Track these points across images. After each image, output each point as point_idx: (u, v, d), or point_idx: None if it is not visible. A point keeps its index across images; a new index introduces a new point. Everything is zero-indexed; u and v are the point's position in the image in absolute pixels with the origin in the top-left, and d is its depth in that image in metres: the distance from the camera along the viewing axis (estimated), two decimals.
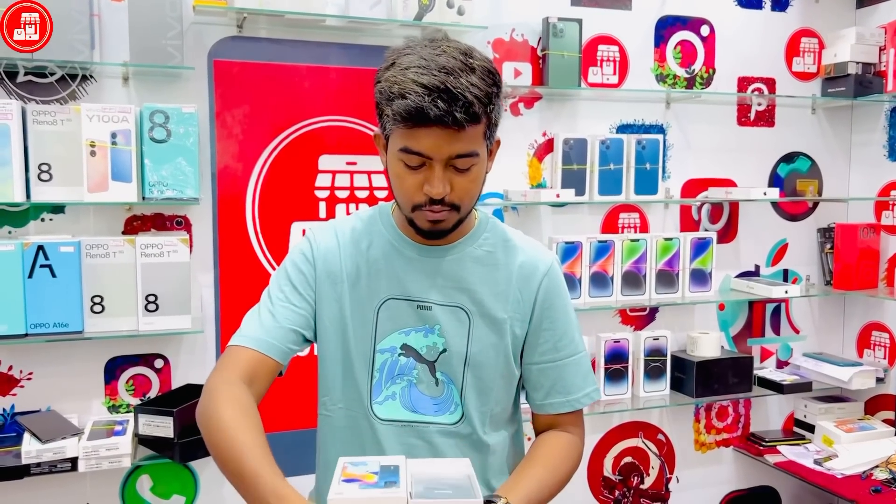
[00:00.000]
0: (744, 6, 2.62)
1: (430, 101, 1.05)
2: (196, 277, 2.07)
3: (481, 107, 1.09)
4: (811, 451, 2.56)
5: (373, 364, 1.24)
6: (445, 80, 1.06)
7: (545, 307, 1.27)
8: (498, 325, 1.25)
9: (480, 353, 1.24)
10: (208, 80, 2.06)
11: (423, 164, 1.12)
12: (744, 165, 2.66)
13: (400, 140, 1.12)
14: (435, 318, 1.24)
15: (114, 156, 1.87)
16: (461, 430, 1.25)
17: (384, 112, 1.13)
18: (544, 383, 1.29)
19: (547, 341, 1.28)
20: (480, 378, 1.25)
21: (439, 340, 1.24)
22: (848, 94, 2.58)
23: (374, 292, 1.24)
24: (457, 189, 1.14)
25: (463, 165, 1.12)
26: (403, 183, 1.15)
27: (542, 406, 1.31)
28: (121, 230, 2.01)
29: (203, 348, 2.11)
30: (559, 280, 1.30)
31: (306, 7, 2.00)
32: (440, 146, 1.09)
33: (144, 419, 1.91)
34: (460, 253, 1.26)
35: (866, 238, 2.59)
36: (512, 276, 1.26)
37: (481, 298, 1.25)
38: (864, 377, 2.55)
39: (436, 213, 1.15)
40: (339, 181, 2.21)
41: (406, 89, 1.06)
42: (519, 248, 1.29)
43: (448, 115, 1.06)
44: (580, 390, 1.30)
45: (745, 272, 2.69)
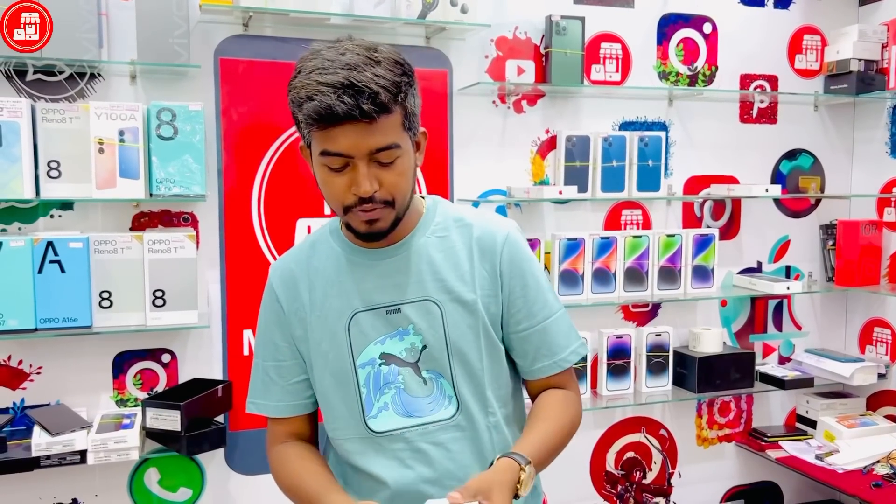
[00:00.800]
0: (746, 3, 2.63)
1: (335, 99, 1.04)
2: (203, 273, 2.10)
3: (389, 96, 1.07)
4: (813, 446, 2.58)
5: (357, 381, 1.23)
6: (349, 75, 1.05)
7: (512, 276, 1.26)
8: (470, 307, 1.23)
9: (460, 338, 1.23)
10: (214, 78, 2.09)
11: (346, 164, 1.10)
12: (746, 162, 2.67)
13: (318, 144, 1.10)
14: (406, 318, 1.22)
15: (122, 153, 1.90)
16: (460, 421, 1.25)
17: (298, 120, 1.12)
18: (528, 349, 1.28)
19: (521, 309, 1.27)
20: (468, 362, 1.24)
21: (416, 339, 1.23)
22: (850, 91, 2.59)
23: (340, 311, 1.23)
24: (385, 184, 1.12)
25: (386, 159, 1.11)
26: (331, 187, 1.13)
27: (531, 372, 1.30)
28: (128, 226, 2.04)
29: (209, 343, 2.14)
30: (520, 246, 1.28)
31: (311, 6, 2.03)
32: (357, 143, 1.08)
33: (152, 413, 1.93)
34: (415, 245, 1.24)
35: (868, 235, 2.60)
36: (473, 254, 1.25)
37: (448, 284, 1.23)
38: (866, 373, 2.57)
39: (368, 211, 1.13)
40: None
41: (312, 91, 1.06)
42: (472, 224, 1.27)
43: (355, 108, 1.05)
44: (565, 349, 1.29)
45: (748, 269, 2.71)
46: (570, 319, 1.32)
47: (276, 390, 1.29)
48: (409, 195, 1.18)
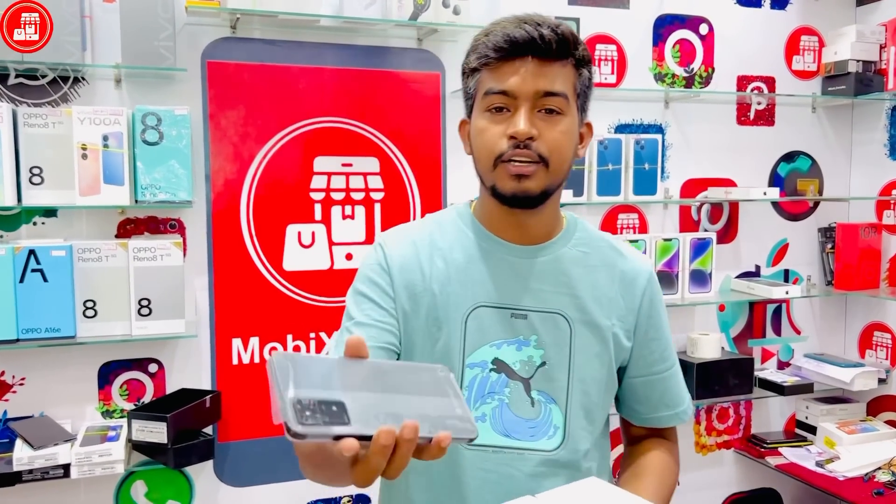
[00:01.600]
0: (743, 4, 2.59)
1: (514, 27, 1.03)
2: (190, 281, 2.05)
3: (571, 37, 1.05)
4: (813, 452, 2.54)
5: (461, 381, 1.11)
6: (529, 16, 1.05)
7: (650, 316, 1.18)
8: (602, 334, 1.13)
9: (585, 364, 1.12)
10: (202, 81, 2.04)
11: (508, 109, 1.05)
12: (744, 165, 2.63)
13: (484, 85, 1.06)
14: (531, 327, 1.11)
15: (105, 158, 1.85)
16: (561, 456, 1.11)
17: (470, 68, 1.08)
18: (652, 396, 1.20)
19: (654, 352, 1.19)
20: (587, 394, 1.12)
21: (536, 353, 1.11)
22: (848, 92, 2.56)
23: (460, 301, 1.11)
24: (545, 136, 1.04)
25: (552, 105, 1.04)
26: (485, 134, 1.06)
27: (648, 419, 1.22)
28: (114, 234, 1.99)
29: (198, 352, 2.09)
30: (659, 287, 1.22)
31: (300, 7, 1.98)
32: (525, 80, 1.03)
33: (138, 425, 1.89)
34: (556, 252, 1.14)
35: (867, 238, 2.57)
36: (614, 281, 1.16)
37: (583, 303, 1.12)
38: (867, 378, 2.53)
39: (521, 163, 1.03)
40: (335, 183, 2.19)
41: (492, 30, 1.06)
42: (619, 250, 1.19)
43: (538, 36, 1.01)
44: (684, 401, 1.23)
45: (746, 272, 2.67)
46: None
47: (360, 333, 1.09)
48: (566, 169, 1.09)
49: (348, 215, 2.20)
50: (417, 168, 2.25)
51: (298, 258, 2.15)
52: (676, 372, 1.23)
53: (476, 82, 1.08)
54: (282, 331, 2.15)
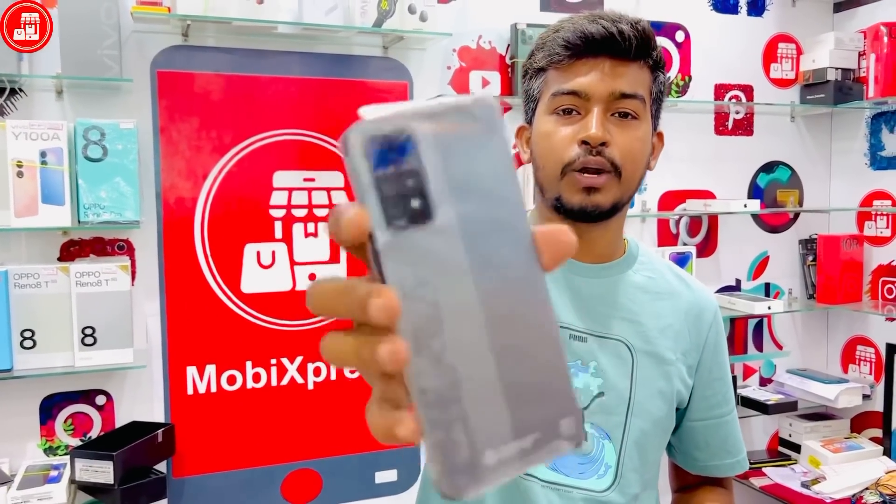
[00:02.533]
0: (719, 10, 2.52)
1: (590, 23, 0.93)
2: (140, 306, 1.91)
3: (652, 39, 0.96)
4: (798, 472, 2.46)
5: None
6: (608, 12, 0.96)
7: (716, 355, 1.09)
8: (665, 367, 1.03)
9: (647, 400, 1.02)
10: (151, 92, 1.91)
11: (578, 111, 0.95)
12: (722, 176, 2.55)
13: (552, 86, 0.96)
14: (591, 352, 1.00)
15: (44, 176, 1.71)
16: (610, 499, 1.01)
17: (535, 67, 0.99)
18: (711, 441, 1.10)
19: (717, 393, 1.09)
20: (644, 432, 1.01)
21: (593, 382, 1.00)
22: (827, 101, 2.49)
23: None
24: (618, 142, 0.94)
25: (627, 108, 0.95)
26: (553, 138, 0.96)
27: (707, 467, 1.11)
28: (56, 256, 1.85)
29: (150, 382, 1.95)
30: (723, 324, 1.13)
31: (256, 14, 1.86)
32: (600, 80, 0.93)
33: (81, 464, 1.74)
34: (620, 274, 1.04)
35: (849, 250, 2.50)
36: (680, 313, 1.06)
37: (647, 333, 1.03)
38: (851, 394, 2.46)
39: (591, 173, 0.94)
40: (296, 199, 2.06)
41: (563, 26, 0.96)
42: (685, 282, 1.10)
43: (617, 32, 0.92)
44: (743, 450, 1.14)
45: (726, 287, 2.59)
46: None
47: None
48: (638, 180, 0.99)
49: (311, 233, 2.08)
50: None
51: (258, 280, 2.02)
52: (735, 418, 1.14)
53: (542, 83, 0.98)
54: (240, 357, 2.02)
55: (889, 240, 2.49)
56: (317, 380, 2.09)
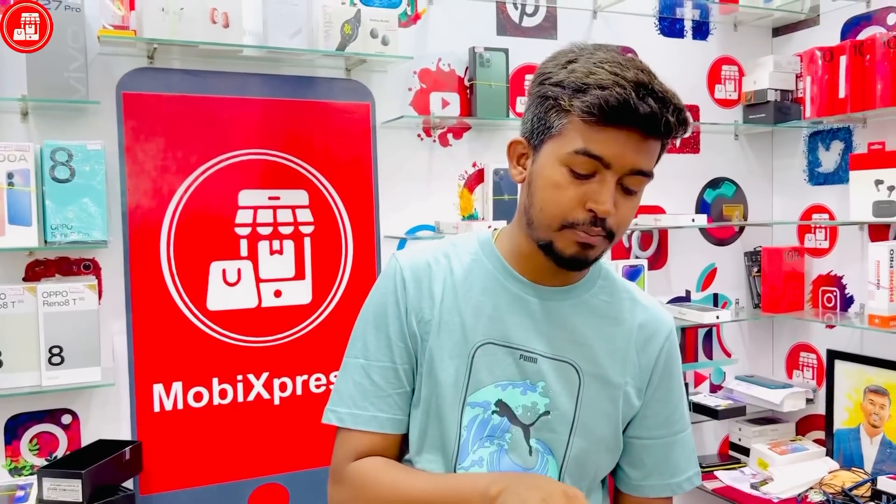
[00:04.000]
0: (666, 35, 2.65)
1: (638, 98, 0.91)
2: (107, 325, 1.93)
3: (685, 119, 0.97)
4: (747, 474, 2.57)
5: (460, 419, 1.04)
6: (651, 80, 0.93)
7: (664, 376, 1.12)
8: (612, 391, 1.07)
9: (590, 421, 1.06)
10: (117, 114, 1.94)
11: (594, 175, 0.95)
12: (671, 191, 2.67)
13: (576, 140, 0.95)
14: (540, 372, 1.05)
15: (11, 198, 1.73)
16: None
17: (562, 106, 0.96)
18: (646, 461, 1.13)
19: (659, 414, 1.12)
20: (585, 451, 1.06)
21: (541, 401, 1.05)
22: (768, 120, 2.63)
23: (470, 333, 1.05)
24: (620, 213, 0.97)
25: (634, 186, 0.97)
26: (562, 194, 0.96)
27: (637, 487, 1.14)
28: (21, 277, 1.86)
29: (116, 401, 1.96)
30: (677, 347, 1.16)
31: (221, 37, 1.91)
32: (626, 154, 0.94)
33: (49, 483, 1.74)
34: (576, 299, 1.08)
35: (791, 261, 2.64)
36: (631, 335, 1.09)
37: (596, 356, 1.07)
38: (795, 399, 2.58)
39: (590, 236, 0.97)
40: (262, 217, 2.11)
41: (605, 81, 0.92)
42: (638, 302, 1.13)
43: (660, 115, 0.92)
44: (684, 472, 1.14)
45: (677, 297, 2.70)
46: (694, 443, 1.17)
47: (377, 398, 1.06)
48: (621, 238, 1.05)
49: (276, 250, 2.12)
50: (348, 200, 2.19)
51: (223, 297, 2.06)
52: (682, 440, 1.15)
53: (562, 126, 0.97)
54: (207, 374, 2.04)
55: (827, 251, 2.63)
56: (283, 395, 2.13)
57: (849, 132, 2.53)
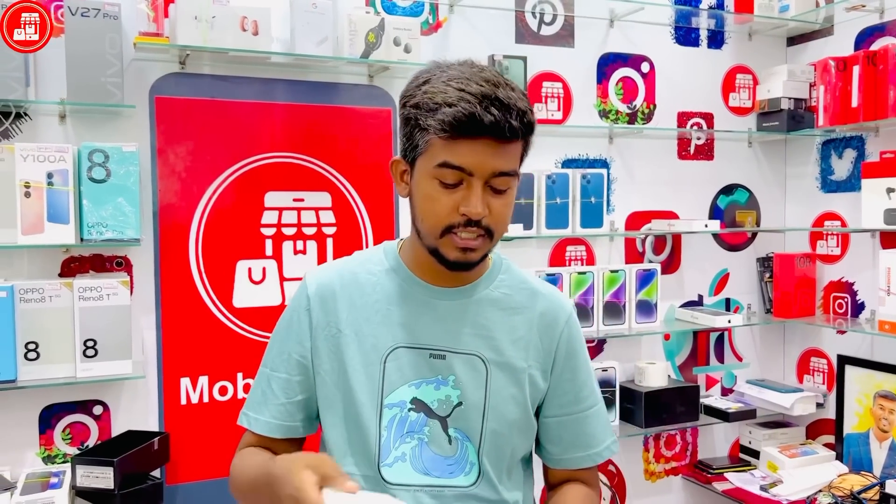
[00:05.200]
0: (682, 44, 2.70)
1: (482, 109, 1.00)
2: (137, 320, 2.00)
3: (529, 121, 1.06)
4: (757, 477, 2.61)
5: (380, 421, 1.13)
6: (494, 90, 1.02)
7: (567, 357, 1.21)
8: (517, 375, 1.16)
9: (499, 405, 1.15)
10: (150, 117, 2.02)
11: (461, 182, 1.05)
12: (685, 198, 2.72)
13: (438, 154, 1.04)
14: (449, 367, 1.14)
15: (50, 197, 1.81)
16: (479, 491, 1.16)
17: (420, 126, 1.05)
18: (564, 436, 1.23)
19: (568, 393, 1.21)
20: (499, 434, 1.16)
21: (453, 393, 1.14)
22: (781, 128, 2.68)
23: (380, 340, 1.14)
24: (493, 212, 1.07)
25: (501, 185, 1.06)
26: (435, 204, 1.06)
27: (560, 461, 1.25)
28: (57, 272, 1.94)
29: (145, 393, 2.04)
30: (578, 328, 1.24)
31: (251, 44, 1.98)
32: (484, 161, 1.03)
33: (83, 470, 1.82)
34: (476, 295, 1.17)
35: (803, 267, 2.68)
36: (533, 323, 1.19)
37: (500, 345, 1.16)
38: (805, 403, 2.62)
39: (469, 238, 1.06)
40: (286, 218, 2.18)
41: (452, 97, 1.01)
42: (538, 292, 1.22)
43: (503, 122, 1.01)
44: (600, 443, 1.24)
45: (689, 302, 2.75)
46: (608, 414, 1.29)
47: (272, 406, 1.19)
48: (504, 233, 1.13)
49: (300, 250, 2.19)
50: (369, 202, 2.26)
51: (249, 294, 2.13)
52: (595, 413, 1.24)
53: (426, 143, 1.07)
54: (232, 369, 2.12)
55: (839, 258, 2.67)
56: None
57: (861, 141, 2.57)
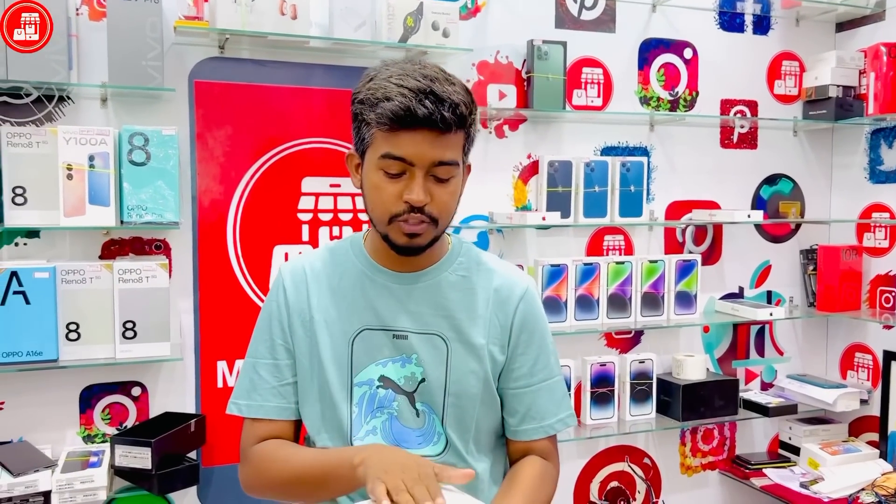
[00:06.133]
0: (726, 29, 2.63)
1: (417, 102, 1.07)
2: (175, 303, 2.02)
3: (465, 112, 1.11)
4: (797, 473, 2.55)
5: (351, 398, 1.22)
6: (430, 84, 1.09)
7: (522, 331, 1.27)
8: (476, 351, 1.24)
9: (460, 380, 1.23)
10: (189, 101, 2.03)
11: (404, 172, 1.12)
12: (727, 187, 2.66)
13: (381, 146, 1.11)
14: (411, 346, 1.22)
15: (91, 179, 1.83)
16: (447, 459, 1.23)
17: (364, 120, 1.13)
18: (518, 409, 1.28)
19: (522, 366, 1.27)
20: (461, 406, 1.23)
21: (417, 370, 1.22)
22: (829, 117, 2.60)
23: (347, 324, 1.22)
24: (436, 200, 1.13)
25: (443, 174, 1.13)
26: (381, 193, 1.13)
27: (516, 432, 1.30)
28: (98, 255, 1.96)
29: (182, 375, 2.06)
30: (535, 303, 1.30)
31: (290, 28, 1.98)
32: (424, 151, 1.10)
33: (121, 450, 1.85)
34: (435, 278, 1.24)
35: (848, 260, 2.60)
36: (489, 300, 1.25)
37: (458, 324, 1.23)
38: (849, 399, 2.55)
39: (414, 224, 1.13)
40: (323, 204, 2.18)
41: (391, 92, 1.08)
42: (494, 271, 1.28)
43: (436, 114, 1.07)
44: (553, 416, 1.29)
45: (730, 294, 2.69)
46: (565, 388, 1.33)
47: (264, 390, 1.25)
48: (451, 219, 1.19)
49: (336, 236, 2.19)
50: None
51: None
52: (549, 387, 1.29)
53: (370, 135, 1.13)
54: None
55: (887, 251, 2.59)
56: None
57: None
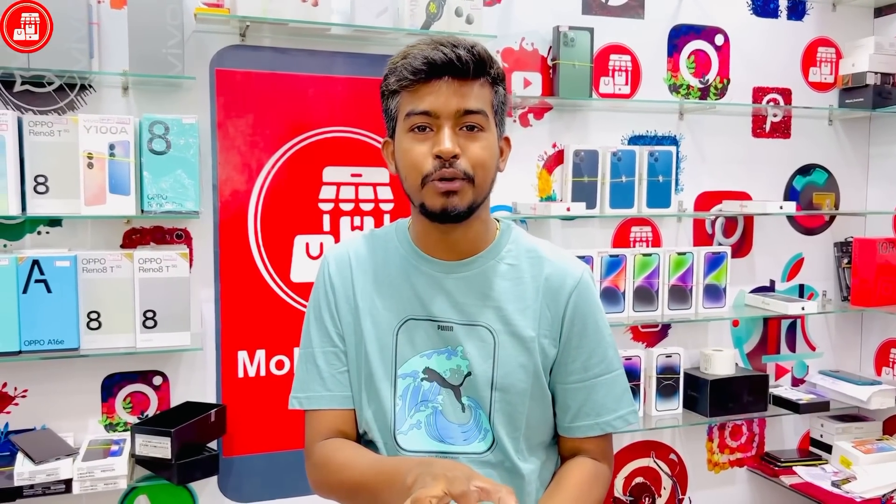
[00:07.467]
0: (759, 15, 2.55)
1: (433, 50, 1.06)
2: (196, 292, 2.01)
3: (486, 56, 1.09)
4: (828, 472, 2.49)
5: (395, 390, 1.16)
6: (446, 39, 1.08)
7: (575, 323, 1.18)
8: (526, 344, 1.16)
9: (508, 374, 1.15)
10: (210, 89, 2.01)
11: (431, 128, 1.08)
12: (759, 178, 2.59)
13: (406, 106, 1.09)
14: (457, 338, 1.15)
15: (112, 168, 1.82)
16: (493, 458, 1.17)
17: (389, 90, 1.11)
18: (572, 404, 1.20)
19: (576, 360, 1.19)
20: (509, 402, 1.16)
21: (463, 363, 1.16)
22: (866, 105, 2.51)
23: (392, 313, 1.17)
24: (468, 153, 1.07)
25: (472, 122, 1.08)
26: (411, 155, 1.09)
27: (569, 429, 1.21)
28: (119, 244, 1.96)
29: (203, 365, 2.05)
30: (590, 293, 1.20)
31: (311, 16, 1.95)
32: (447, 100, 1.06)
33: (142, 439, 1.85)
34: (482, 267, 1.17)
35: (885, 253, 2.52)
36: (539, 290, 1.18)
37: (507, 315, 1.16)
38: (884, 396, 2.48)
39: (448, 180, 1.06)
40: (344, 193, 2.15)
41: (409, 53, 1.08)
42: (546, 259, 1.20)
43: (453, 55, 1.05)
44: (612, 412, 1.20)
45: (760, 287, 2.62)
46: (626, 383, 1.24)
47: (323, 380, 1.19)
48: (490, 183, 1.12)
49: (357, 226, 2.17)
50: None
51: (306, 269, 2.12)
52: (608, 382, 1.21)
53: (397, 104, 1.11)
54: (288, 343, 2.11)
55: None
56: None
57: None
